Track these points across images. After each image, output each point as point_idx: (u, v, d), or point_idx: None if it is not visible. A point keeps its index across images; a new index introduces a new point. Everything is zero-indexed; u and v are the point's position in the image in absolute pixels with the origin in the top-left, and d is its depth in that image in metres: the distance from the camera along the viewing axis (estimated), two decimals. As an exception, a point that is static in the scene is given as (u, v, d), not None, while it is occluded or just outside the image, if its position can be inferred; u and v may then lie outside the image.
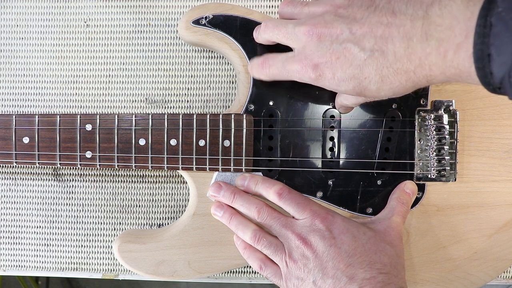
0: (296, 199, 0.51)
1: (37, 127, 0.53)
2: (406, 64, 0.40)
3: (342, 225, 0.49)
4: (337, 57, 0.42)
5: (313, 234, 0.49)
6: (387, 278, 0.47)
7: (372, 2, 0.42)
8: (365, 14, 0.42)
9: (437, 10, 0.38)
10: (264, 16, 0.53)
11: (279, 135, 0.54)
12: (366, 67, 0.42)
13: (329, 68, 0.43)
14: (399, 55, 0.40)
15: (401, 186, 0.54)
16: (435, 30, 0.38)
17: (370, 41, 0.41)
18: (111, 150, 0.53)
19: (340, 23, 0.42)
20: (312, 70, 0.44)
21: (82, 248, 0.60)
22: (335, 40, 0.42)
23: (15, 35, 0.59)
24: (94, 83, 0.59)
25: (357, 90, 0.44)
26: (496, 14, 0.35)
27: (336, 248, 0.48)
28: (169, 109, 0.59)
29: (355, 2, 0.43)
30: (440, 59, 0.38)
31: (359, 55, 0.41)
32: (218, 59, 0.59)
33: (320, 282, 0.47)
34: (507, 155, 0.56)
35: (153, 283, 1.38)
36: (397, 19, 0.40)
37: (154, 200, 0.60)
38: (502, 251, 0.56)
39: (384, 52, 0.40)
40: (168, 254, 0.54)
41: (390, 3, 0.41)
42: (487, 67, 0.36)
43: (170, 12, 0.59)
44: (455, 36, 0.37)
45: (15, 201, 0.60)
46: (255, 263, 0.52)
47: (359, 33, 0.41)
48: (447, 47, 0.38)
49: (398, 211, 0.52)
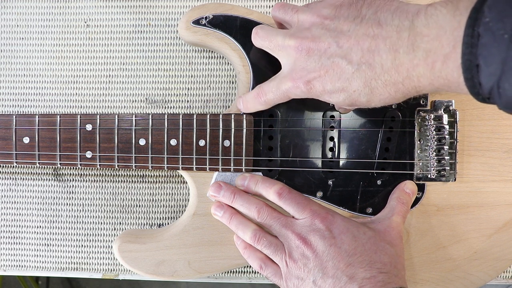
0: (296, 198, 0.51)
1: (37, 127, 0.53)
2: (394, 76, 0.40)
3: (342, 225, 0.49)
4: (326, 71, 0.43)
5: (313, 234, 0.49)
6: (387, 278, 0.47)
7: (359, 13, 0.42)
8: (351, 26, 0.42)
9: (423, 20, 0.38)
10: (264, 16, 0.53)
11: (279, 135, 0.54)
12: (354, 80, 0.42)
13: (319, 82, 0.44)
14: (387, 68, 0.40)
15: (401, 186, 0.54)
16: (422, 41, 0.38)
17: (357, 54, 0.41)
18: (111, 150, 0.53)
19: (328, 36, 0.42)
20: (303, 85, 0.45)
21: (82, 248, 0.60)
22: (323, 54, 0.43)
23: (15, 35, 0.59)
24: (94, 83, 0.59)
25: (347, 102, 0.44)
26: (484, 24, 0.34)
27: (336, 247, 0.48)
28: (169, 109, 0.59)
29: (341, 12, 0.43)
30: (428, 70, 0.38)
31: (347, 68, 0.42)
32: (218, 59, 0.59)
33: (320, 281, 0.47)
34: (507, 155, 0.56)
35: (153, 283, 1.38)
36: (383, 30, 0.40)
37: (154, 200, 0.60)
38: (502, 251, 0.56)
39: (371, 65, 0.40)
40: (168, 254, 0.54)
41: (376, 14, 0.41)
42: (476, 77, 0.35)
43: (170, 12, 0.59)
44: (443, 47, 0.37)
45: (15, 201, 0.60)
46: (255, 262, 0.52)
47: (346, 46, 0.41)
48: (435, 58, 0.37)
49: (398, 211, 0.52)
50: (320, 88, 0.44)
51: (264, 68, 0.53)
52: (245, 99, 0.51)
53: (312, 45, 0.43)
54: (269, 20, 0.53)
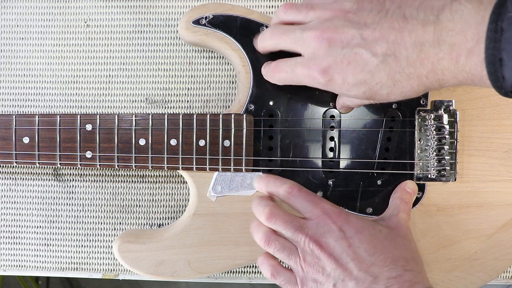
0: (307, 197, 0.49)
1: (37, 127, 0.53)
2: (419, 69, 0.40)
3: (357, 224, 0.47)
4: (348, 62, 0.42)
5: (328, 236, 0.46)
6: (413, 276, 0.45)
7: (382, 7, 0.42)
8: (375, 19, 0.41)
9: (448, 14, 0.38)
10: (264, 16, 0.53)
11: (279, 135, 0.54)
12: (378, 72, 0.41)
13: (340, 73, 0.43)
14: (412, 60, 0.40)
15: (402, 186, 0.54)
16: (447, 35, 0.38)
17: (382, 46, 0.41)
18: (111, 150, 0.53)
19: (351, 28, 0.42)
20: (321, 75, 0.44)
21: (82, 248, 0.60)
22: (346, 45, 0.42)
23: (15, 35, 0.59)
24: (94, 83, 0.59)
25: (367, 95, 0.43)
26: (507, 19, 0.35)
27: (354, 248, 0.45)
28: (169, 109, 0.59)
29: (364, 6, 0.43)
30: (452, 64, 0.38)
31: (371, 60, 0.41)
32: (218, 59, 0.59)
33: (341, 284, 0.45)
34: (507, 155, 0.56)
35: (153, 283, 1.38)
36: (409, 24, 0.40)
37: (154, 200, 0.60)
38: (502, 251, 0.56)
39: (397, 57, 0.40)
40: (168, 254, 0.54)
41: (400, 8, 0.41)
42: (499, 71, 0.36)
43: (170, 12, 0.59)
44: (467, 41, 0.37)
45: (15, 201, 0.60)
46: (267, 270, 0.50)
47: (370, 38, 0.41)
48: (459, 52, 0.38)
49: (403, 209, 0.51)
50: (340, 80, 0.43)
51: (264, 68, 0.53)
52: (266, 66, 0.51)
53: (335, 35, 0.42)
54: (269, 20, 0.53)
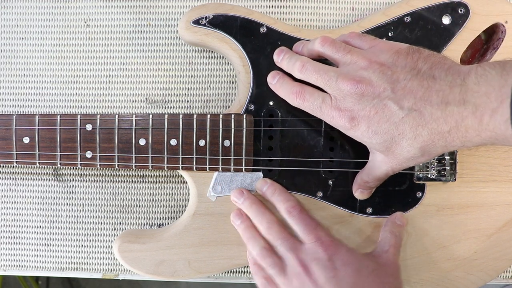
0: (305, 220, 0.51)
1: (37, 127, 0.53)
2: (442, 125, 0.42)
3: (345, 256, 0.49)
4: (376, 112, 0.44)
5: (315, 263, 0.48)
6: None
7: (415, 65, 0.44)
8: (407, 76, 0.44)
9: (474, 78, 0.40)
10: (264, 16, 0.53)
11: (279, 135, 0.54)
12: (402, 124, 0.43)
13: (366, 121, 0.45)
14: (436, 116, 0.42)
15: (392, 218, 0.54)
16: (472, 96, 0.40)
17: (410, 101, 0.43)
18: (111, 150, 0.53)
19: (384, 81, 0.44)
20: (348, 121, 0.46)
21: (82, 248, 0.60)
22: (377, 97, 0.44)
23: (15, 35, 0.59)
24: (94, 83, 0.59)
25: (386, 145, 0.45)
26: None
27: (337, 280, 0.47)
28: (169, 109, 0.59)
29: (399, 62, 0.45)
30: (476, 122, 0.40)
31: (397, 113, 0.43)
32: (218, 59, 0.59)
33: None
34: (507, 155, 0.56)
35: (153, 283, 1.38)
36: (437, 84, 0.42)
37: (154, 200, 0.60)
38: (502, 251, 0.56)
39: (422, 112, 0.42)
40: (168, 254, 0.54)
41: (431, 69, 0.43)
42: None
43: (170, 12, 0.59)
44: (491, 102, 0.39)
45: (15, 201, 0.60)
46: (259, 281, 0.52)
47: (400, 93, 0.43)
48: (483, 112, 0.39)
49: (393, 244, 0.52)
50: (364, 127, 0.45)
51: (264, 68, 0.53)
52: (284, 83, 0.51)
53: (368, 88, 0.45)
54: (269, 20, 0.53)
